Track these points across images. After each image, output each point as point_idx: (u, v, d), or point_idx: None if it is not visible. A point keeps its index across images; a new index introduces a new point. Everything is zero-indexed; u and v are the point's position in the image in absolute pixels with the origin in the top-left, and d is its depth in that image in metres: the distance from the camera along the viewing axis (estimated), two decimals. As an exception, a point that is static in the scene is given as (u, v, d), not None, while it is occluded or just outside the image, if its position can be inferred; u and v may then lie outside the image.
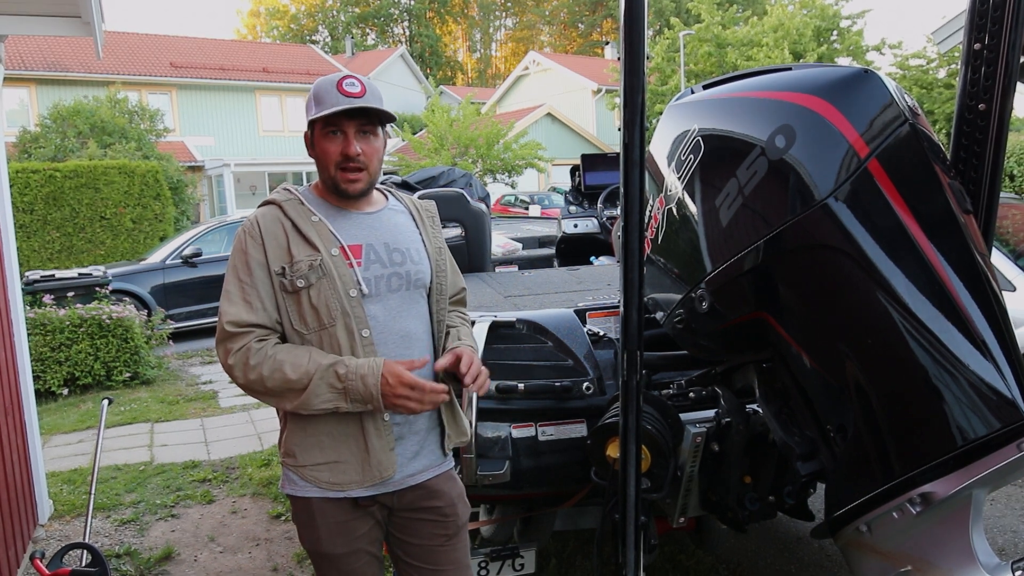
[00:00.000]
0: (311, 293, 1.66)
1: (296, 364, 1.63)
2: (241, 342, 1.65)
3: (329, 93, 1.66)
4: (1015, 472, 1.62)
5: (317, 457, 1.71)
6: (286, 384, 1.62)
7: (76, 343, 6.52)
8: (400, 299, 1.76)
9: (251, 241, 1.70)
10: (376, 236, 1.77)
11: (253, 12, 53.56)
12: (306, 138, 1.77)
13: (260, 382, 1.64)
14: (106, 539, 3.68)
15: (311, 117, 1.70)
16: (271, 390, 1.65)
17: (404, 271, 1.76)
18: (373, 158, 1.72)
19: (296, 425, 1.73)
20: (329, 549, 1.73)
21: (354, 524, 1.74)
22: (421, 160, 22.18)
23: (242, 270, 1.70)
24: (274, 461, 4.65)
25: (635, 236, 1.71)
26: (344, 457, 1.70)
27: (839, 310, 1.76)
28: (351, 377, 1.61)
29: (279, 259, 1.68)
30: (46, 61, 21.49)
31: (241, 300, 1.68)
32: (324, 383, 1.62)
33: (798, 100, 1.80)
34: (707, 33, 23.68)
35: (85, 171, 12.55)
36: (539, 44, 56.81)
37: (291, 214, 1.72)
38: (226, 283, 1.72)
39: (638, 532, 1.86)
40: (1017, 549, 3.29)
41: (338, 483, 1.70)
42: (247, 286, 1.69)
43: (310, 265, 1.66)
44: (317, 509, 1.72)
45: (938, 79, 18.40)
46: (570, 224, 5.07)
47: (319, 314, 1.67)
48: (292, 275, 1.67)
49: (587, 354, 2.39)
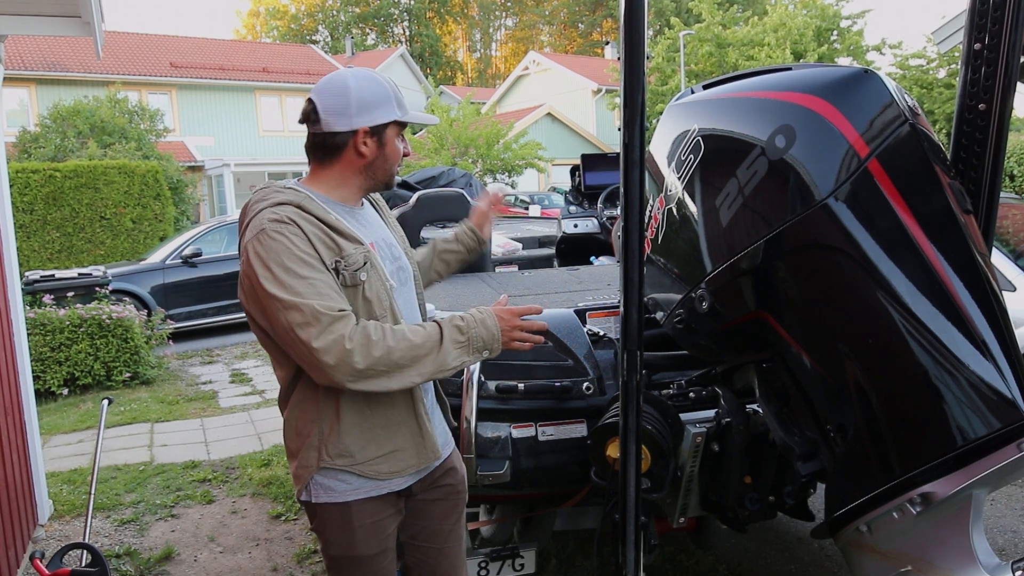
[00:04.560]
0: (366, 286, 1.65)
1: (413, 330, 1.61)
2: (351, 323, 1.54)
3: (403, 98, 1.75)
4: (1015, 472, 1.62)
5: (375, 451, 1.69)
6: (413, 351, 1.58)
7: (76, 343, 6.52)
8: (409, 291, 1.83)
9: (297, 239, 1.56)
10: (377, 233, 1.81)
11: (253, 12, 53.55)
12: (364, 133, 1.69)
13: (387, 357, 1.55)
14: (106, 539, 3.68)
15: (401, 117, 1.72)
16: (397, 362, 1.56)
17: (403, 264, 1.84)
18: None
19: (351, 422, 1.67)
20: (362, 551, 1.72)
21: (386, 522, 1.76)
22: (421, 160, 22.19)
23: (302, 268, 1.54)
24: (274, 461, 4.65)
25: (635, 236, 1.71)
26: (400, 445, 1.72)
27: (839, 310, 1.76)
28: (473, 325, 1.65)
29: (328, 255, 1.60)
30: (46, 61, 21.49)
31: (317, 293, 1.53)
32: (451, 340, 1.63)
33: (798, 100, 1.80)
34: (707, 33, 23.69)
35: (85, 171, 12.54)
36: (539, 44, 56.82)
37: (314, 212, 1.64)
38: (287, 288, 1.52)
39: (638, 532, 1.85)
40: (1017, 549, 3.29)
41: (396, 471, 1.72)
42: (314, 280, 1.55)
43: (364, 258, 1.64)
44: (355, 512, 1.70)
45: (938, 79, 18.42)
46: (570, 224, 5.07)
47: (371, 306, 1.65)
48: (349, 268, 1.61)
49: (587, 354, 2.39)
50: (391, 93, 1.72)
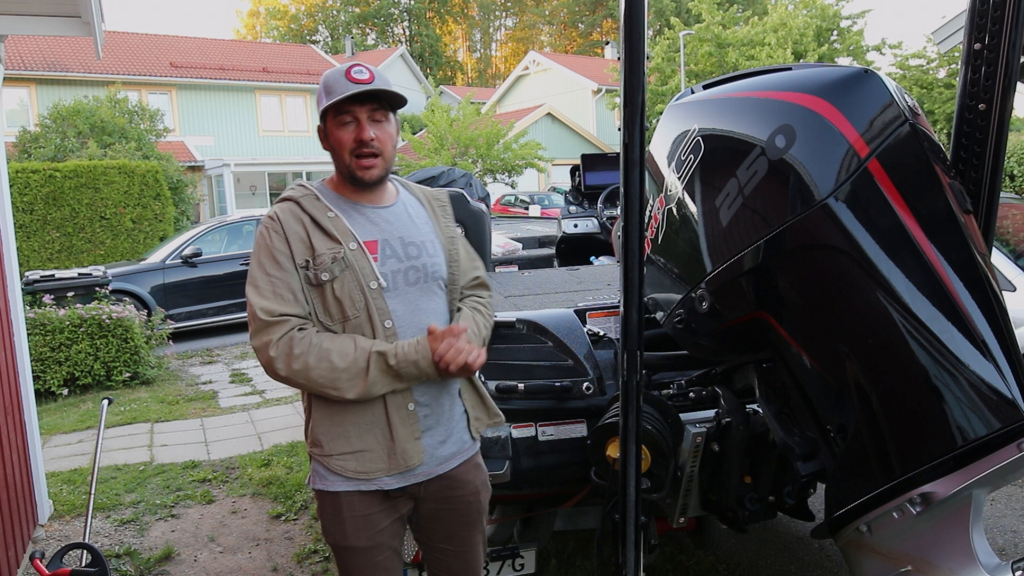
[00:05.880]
0: (335, 286, 1.68)
1: (343, 352, 1.64)
2: (281, 331, 1.64)
3: (338, 82, 1.68)
4: (1015, 472, 1.62)
5: (343, 447, 1.72)
6: (333, 373, 1.63)
7: (76, 343, 6.52)
8: (418, 292, 1.77)
9: (274, 235, 1.70)
10: (391, 231, 1.78)
11: (253, 12, 53.60)
12: (320, 132, 1.78)
13: (304, 372, 1.63)
14: (106, 539, 3.68)
15: (322, 107, 1.71)
16: (315, 380, 1.64)
17: (421, 264, 1.78)
18: (387, 143, 1.74)
19: (321, 415, 1.74)
20: (353, 543, 1.76)
21: (378, 517, 1.77)
22: (421, 160, 22.19)
23: (269, 264, 1.68)
24: (274, 461, 4.65)
25: (635, 236, 1.71)
26: (370, 446, 1.72)
27: (839, 310, 1.76)
28: (403, 365, 1.66)
29: (301, 253, 1.69)
30: (46, 61, 21.49)
31: (272, 293, 1.66)
32: (378, 370, 1.65)
33: (798, 100, 1.80)
34: (707, 33, 23.69)
35: (85, 171, 12.54)
36: (539, 44, 56.81)
37: (308, 209, 1.73)
38: (252, 279, 1.69)
39: (638, 532, 1.85)
40: (1017, 549, 3.29)
41: (364, 472, 1.72)
42: (276, 279, 1.67)
43: (332, 258, 1.68)
44: (344, 503, 1.74)
45: (938, 79, 18.42)
46: (570, 224, 5.07)
47: (343, 306, 1.69)
48: (316, 268, 1.68)
49: (587, 354, 2.39)
50: (323, 84, 1.73)
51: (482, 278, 1.98)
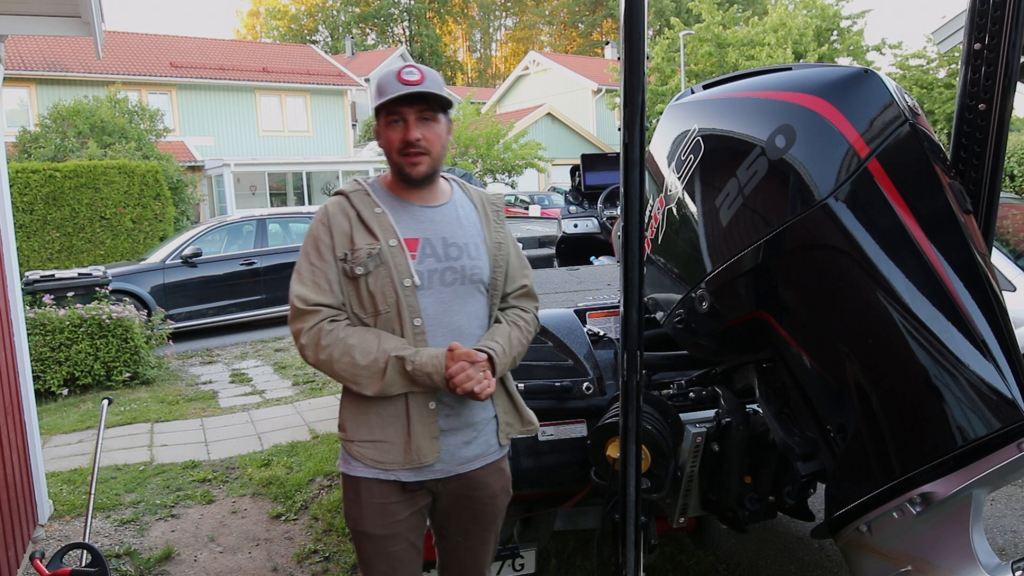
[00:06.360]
0: (368, 280, 1.75)
1: (365, 350, 1.72)
2: (312, 321, 1.73)
3: (390, 83, 1.73)
4: (1015, 472, 1.62)
5: (364, 435, 1.79)
6: (354, 369, 1.72)
7: (76, 343, 6.52)
8: (453, 293, 1.80)
9: (322, 228, 1.79)
10: (435, 230, 1.81)
11: (253, 12, 53.57)
12: (374, 129, 1.85)
13: (329, 364, 1.73)
14: (106, 539, 3.68)
15: (373, 106, 1.79)
16: (337, 372, 1.73)
17: (460, 266, 1.81)
18: (435, 143, 1.78)
19: (349, 401, 1.82)
20: (369, 528, 1.81)
21: (396, 507, 1.81)
22: (421, 160, 22.14)
23: (313, 254, 1.77)
24: (274, 461, 4.65)
25: (635, 236, 1.71)
26: (389, 438, 1.78)
27: (839, 310, 1.76)
28: (418, 374, 1.71)
29: (343, 246, 1.76)
30: (46, 61, 21.48)
31: (311, 281, 1.75)
32: (395, 373, 1.72)
33: (798, 100, 1.80)
34: (707, 33, 23.70)
35: (85, 171, 12.54)
36: (539, 44, 56.81)
37: (356, 204, 1.80)
38: (298, 266, 1.79)
39: (638, 532, 1.85)
40: (1017, 549, 3.29)
41: (381, 462, 1.78)
42: (316, 268, 1.76)
43: (368, 253, 1.75)
44: (364, 488, 1.80)
45: (938, 79, 18.43)
46: (570, 224, 5.07)
47: (375, 300, 1.76)
48: (352, 262, 1.75)
49: (587, 354, 2.39)
50: (375, 84, 1.79)
51: (529, 287, 1.99)
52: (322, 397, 6.26)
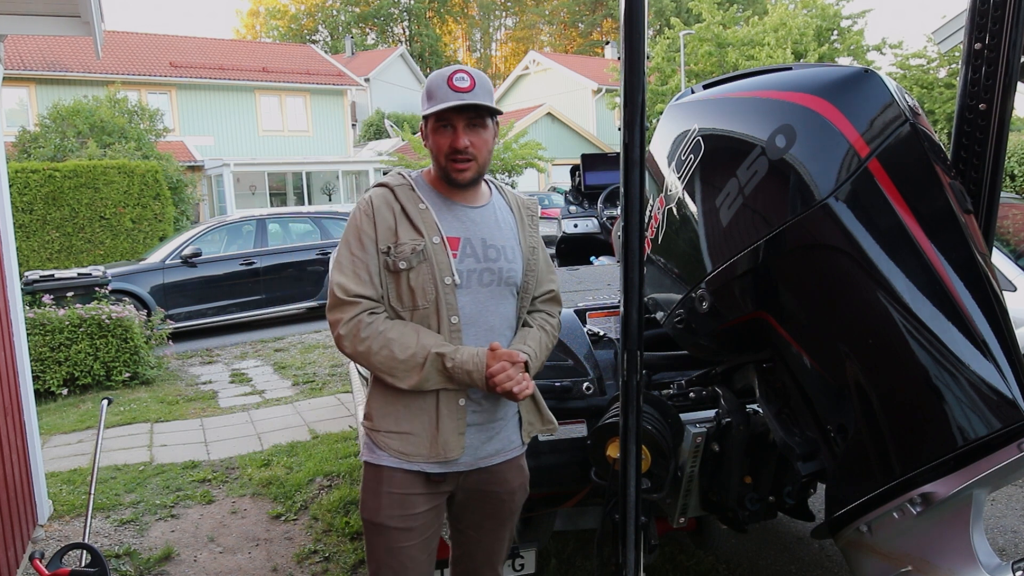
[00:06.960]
0: (410, 276, 1.76)
1: (404, 345, 1.73)
2: (352, 312, 1.74)
3: (440, 88, 1.74)
4: (1016, 472, 1.62)
5: (391, 426, 1.81)
6: (392, 362, 1.73)
7: (76, 343, 6.52)
8: (489, 294, 1.83)
9: (365, 218, 1.79)
10: (475, 231, 1.84)
11: (252, 12, 53.53)
12: (421, 130, 1.86)
13: (366, 355, 1.74)
14: (106, 539, 3.68)
15: (424, 112, 1.79)
16: (374, 364, 1.75)
17: (497, 268, 1.84)
18: (482, 149, 1.80)
19: (378, 391, 1.83)
20: (385, 520, 1.81)
21: (416, 500, 1.82)
22: (421, 160, 22.18)
23: (355, 244, 1.78)
24: (274, 461, 4.65)
25: (635, 236, 1.71)
26: (415, 430, 1.79)
27: (839, 310, 1.75)
28: (457, 371, 1.73)
29: (386, 239, 1.77)
30: (46, 61, 21.48)
31: (352, 272, 1.76)
32: (434, 369, 1.73)
33: (798, 100, 1.80)
34: (707, 33, 23.68)
35: (85, 171, 12.54)
36: (539, 44, 56.79)
37: (401, 198, 1.81)
38: (339, 256, 1.79)
39: (638, 532, 1.85)
40: (1017, 549, 3.29)
41: (406, 453, 1.80)
42: (358, 259, 1.77)
43: (412, 249, 1.76)
44: (386, 477, 1.81)
45: (938, 79, 18.42)
46: (570, 224, 5.07)
47: (415, 295, 1.77)
48: (395, 256, 1.76)
49: (587, 354, 2.39)
50: (426, 88, 1.80)
51: (555, 292, 2.04)
52: (322, 397, 6.26)
